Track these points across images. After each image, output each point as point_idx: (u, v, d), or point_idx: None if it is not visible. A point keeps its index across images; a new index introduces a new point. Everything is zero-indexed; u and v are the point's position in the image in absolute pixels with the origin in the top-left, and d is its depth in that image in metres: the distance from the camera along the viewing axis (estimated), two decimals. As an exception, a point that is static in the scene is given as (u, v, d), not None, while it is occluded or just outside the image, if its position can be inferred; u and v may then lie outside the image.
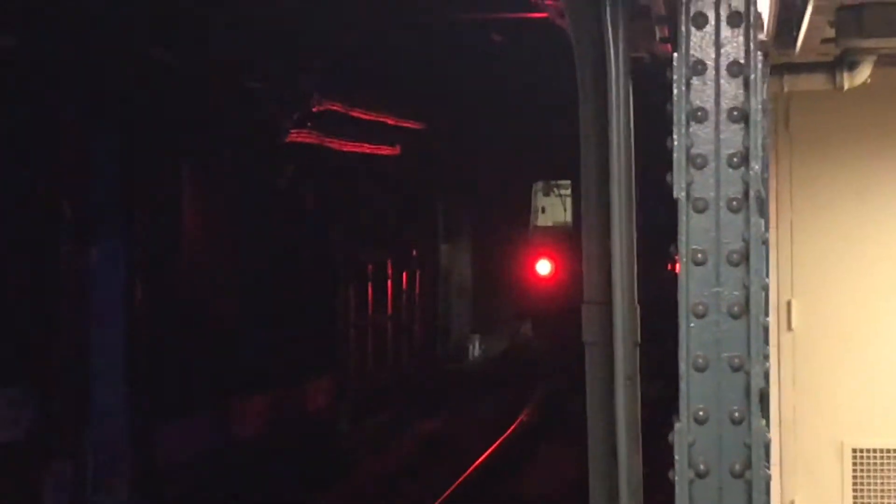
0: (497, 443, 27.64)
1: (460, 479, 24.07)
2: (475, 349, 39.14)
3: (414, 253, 33.68)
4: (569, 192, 41.66)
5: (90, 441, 17.16)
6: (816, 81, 9.35)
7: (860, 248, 11.05)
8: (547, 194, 43.20)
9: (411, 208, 32.84)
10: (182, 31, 18.51)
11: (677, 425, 5.97)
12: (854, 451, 11.03)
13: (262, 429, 22.44)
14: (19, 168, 16.15)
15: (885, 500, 11.07)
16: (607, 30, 6.42)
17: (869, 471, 11.08)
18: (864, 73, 9.52)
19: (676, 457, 5.96)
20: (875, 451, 11.06)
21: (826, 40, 8.65)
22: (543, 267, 38.92)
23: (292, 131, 23.70)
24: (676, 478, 5.96)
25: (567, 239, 37.78)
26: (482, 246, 39.22)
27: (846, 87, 9.61)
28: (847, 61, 9.33)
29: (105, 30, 16.77)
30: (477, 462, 25.45)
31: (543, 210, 43.17)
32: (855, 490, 11.04)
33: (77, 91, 16.77)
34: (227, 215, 22.17)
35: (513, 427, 29.77)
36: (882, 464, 11.07)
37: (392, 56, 23.76)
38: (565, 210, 42.30)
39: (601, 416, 6.66)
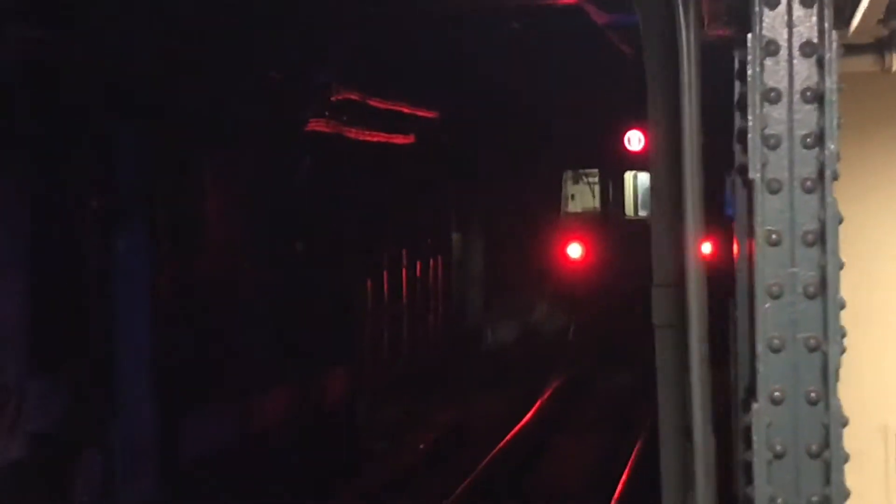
0: (515, 430, 27.76)
1: (483, 464, 24.19)
2: (489, 336, 39.21)
3: (429, 242, 33.64)
4: (596, 180, 42.75)
5: (118, 433, 17.14)
6: (865, 63, 9.27)
7: (882, 225, 11.02)
8: (576, 182, 44.02)
9: (425, 198, 32.75)
10: (203, 25, 18.49)
11: (755, 406, 5.93)
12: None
13: (281, 420, 22.41)
14: (49, 164, 16.11)
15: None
16: (679, 12, 6.38)
17: (914, 464, 11.01)
18: (911, 56, 9.47)
19: (754, 437, 5.91)
20: (920, 434, 11.01)
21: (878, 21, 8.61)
22: (575, 251, 39.77)
23: (311, 121, 23.71)
24: (755, 458, 5.91)
25: (595, 224, 38.51)
26: (497, 235, 39.16)
27: (894, 69, 9.56)
28: (893, 43, 9.27)
29: (127, 26, 16.77)
30: (495, 450, 25.54)
31: (573, 197, 44.02)
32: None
33: (102, 88, 16.72)
34: (247, 208, 22.15)
35: (532, 412, 29.89)
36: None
37: (408, 45, 23.78)
38: (593, 197, 43.16)
39: (672, 399, 6.63)
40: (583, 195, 44.06)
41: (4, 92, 14.68)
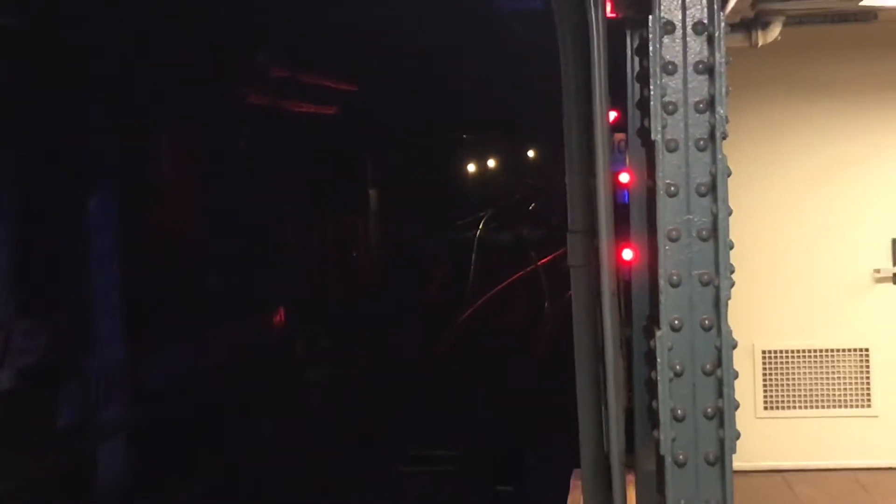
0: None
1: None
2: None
3: (350, 198, 33.59)
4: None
5: (93, 366, 17.12)
6: (736, 40, 9.33)
7: (769, 178, 11.12)
8: None
9: (347, 162, 32.66)
10: (161, 19, 18.47)
11: (657, 332, 5.97)
12: (763, 352, 11.11)
13: (233, 352, 22.42)
14: (37, 139, 16.08)
15: (789, 394, 11.16)
16: (589, -2, 6.40)
17: (775, 369, 11.16)
18: (774, 32, 9.53)
19: (658, 359, 5.95)
20: (780, 352, 11.14)
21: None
22: None
23: (251, 95, 23.67)
24: (658, 377, 5.95)
25: None
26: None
27: (760, 44, 9.63)
28: (761, 21, 9.34)
29: (94, 20, 16.69)
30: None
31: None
32: (765, 386, 11.13)
33: (74, 72, 16.64)
34: (199, 173, 22.11)
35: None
36: (786, 363, 11.15)
37: (336, 30, 23.73)
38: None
39: (586, 328, 6.64)
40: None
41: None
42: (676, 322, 5.97)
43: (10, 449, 14.29)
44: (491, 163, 48.66)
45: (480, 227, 40.37)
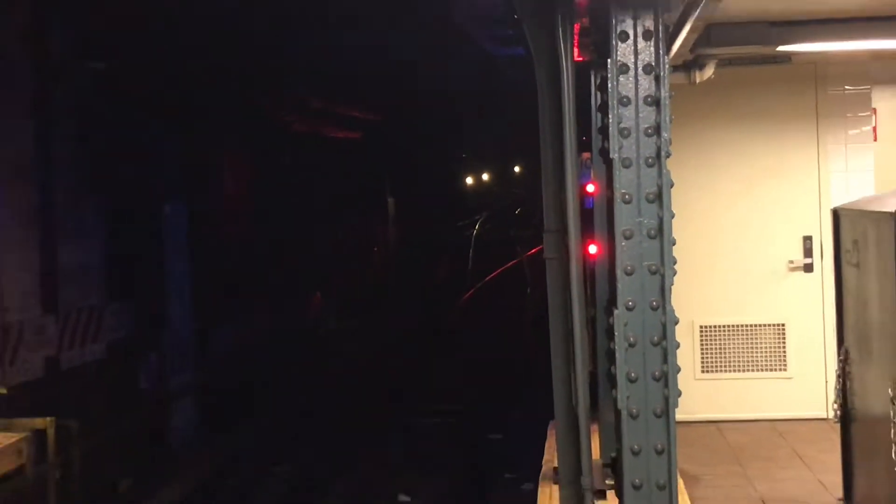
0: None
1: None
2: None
3: (372, 206, 33.51)
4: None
5: (167, 340, 17.09)
6: (678, 78, 9.32)
7: (704, 188, 11.10)
8: None
9: (369, 176, 32.59)
10: (217, 66, 18.47)
11: (615, 312, 5.94)
12: (701, 327, 11.09)
13: (276, 328, 22.37)
14: (134, 167, 16.11)
15: (721, 360, 11.13)
16: (560, 45, 6.37)
17: (710, 340, 11.14)
18: (708, 72, 9.55)
19: (616, 333, 5.93)
20: (714, 326, 11.12)
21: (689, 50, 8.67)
22: None
23: (294, 123, 23.67)
24: (616, 347, 5.94)
25: None
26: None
27: (697, 81, 9.63)
28: (698, 63, 9.33)
29: (166, 62, 16.67)
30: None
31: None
32: (702, 353, 11.11)
33: (154, 107, 16.63)
34: (252, 186, 22.09)
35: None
36: (719, 335, 11.13)
37: (363, 73, 23.75)
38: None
39: (559, 309, 6.62)
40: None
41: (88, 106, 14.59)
42: (630, 303, 5.95)
43: (103, 407, 14.28)
44: (485, 176, 48.70)
45: (477, 227, 40.33)
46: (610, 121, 5.95)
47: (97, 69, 14.97)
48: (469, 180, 46.43)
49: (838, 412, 8.34)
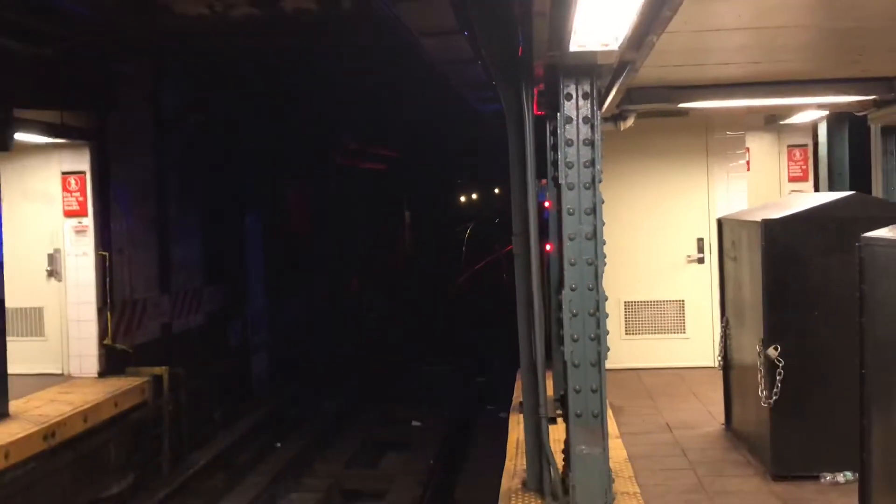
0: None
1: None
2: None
3: (394, 217, 33.40)
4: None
5: (248, 312, 17.06)
6: (607, 126, 9.31)
7: (626, 204, 11.10)
8: None
9: (392, 197, 32.49)
10: (283, 118, 18.45)
11: (563, 291, 5.94)
12: (625, 304, 11.09)
13: (325, 304, 22.32)
14: (225, 187, 16.08)
15: (639, 326, 11.13)
16: (524, 103, 6.37)
17: (631, 311, 11.14)
18: (630, 122, 9.52)
19: (563, 306, 5.93)
20: (634, 302, 11.12)
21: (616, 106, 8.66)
22: None
23: (337, 158, 23.64)
24: (564, 316, 5.94)
25: None
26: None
27: (622, 128, 9.62)
28: (622, 116, 9.32)
29: (243, 114, 16.66)
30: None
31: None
32: (625, 321, 11.11)
33: (234, 144, 16.60)
34: (308, 203, 22.03)
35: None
36: (638, 308, 11.12)
37: (387, 123, 23.77)
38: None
39: (523, 291, 6.60)
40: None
41: (191, 146, 14.59)
42: (573, 286, 5.95)
43: (202, 359, 14.29)
44: (474, 196, 48.70)
45: (468, 232, 40.19)
46: (559, 157, 5.96)
47: (198, 119, 14.95)
48: (462, 198, 46.22)
49: (721, 363, 8.37)
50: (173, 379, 12.40)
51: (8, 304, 10.49)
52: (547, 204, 8.30)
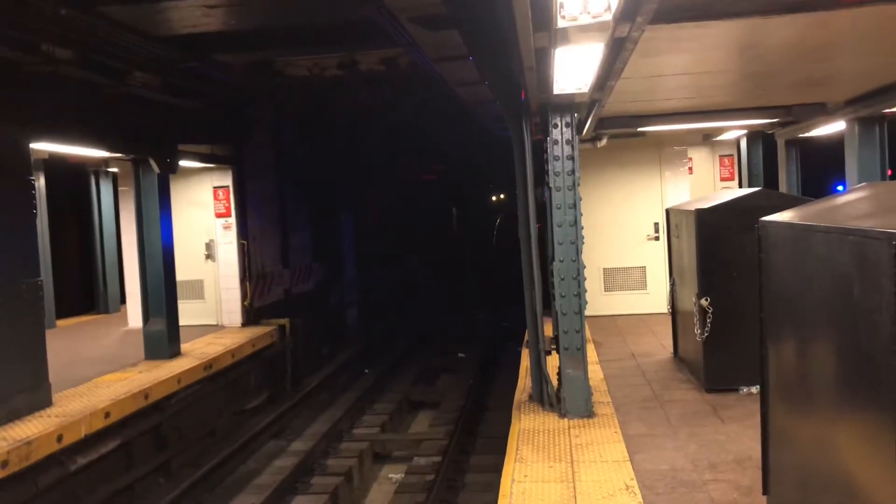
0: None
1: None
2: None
3: (445, 213, 33.24)
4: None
5: (343, 280, 17.14)
6: (586, 146, 9.21)
7: (599, 201, 10.97)
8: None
9: (443, 198, 32.35)
10: (364, 146, 18.42)
11: (554, 263, 5.91)
12: (604, 269, 10.98)
13: (393, 276, 22.29)
14: (325, 195, 16.10)
15: (614, 284, 11.00)
16: (525, 131, 6.32)
17: (609, 275, 11.02)
18: (603, 142, 9.41)
19: (554, 274, 5.90)
20: (610, 268, 11.00)
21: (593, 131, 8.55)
22: None
23: (402, 174, 23.49)
24: (555, 280, 5.91)
25: None
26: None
27: (598, 146, 9.51)
28: (598, 137, 9.21)
29: (335, 145, 16.68)
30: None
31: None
32: (605, 286, 10.97)
33: (332, 165, 16.65)
34: (383, 207, 22.03)
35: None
36: (613, 272, 11.01)
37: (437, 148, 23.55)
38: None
39: (527, 263, 6.56)
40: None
41: (301, 166, 14.67)
42: (561, 259, 5.93)
43: (313, 313, 14.41)
44: (501, 195, 48.36)
45: (498, 221, 39.93)
46: (549, 168, 5.93)
47: (305, 149, 15.04)
48: (493, 198, 46.07)
49: (670, 310, 8.28)
50: (293, 327, 12.55)
51: (179, 277, 10.70)
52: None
